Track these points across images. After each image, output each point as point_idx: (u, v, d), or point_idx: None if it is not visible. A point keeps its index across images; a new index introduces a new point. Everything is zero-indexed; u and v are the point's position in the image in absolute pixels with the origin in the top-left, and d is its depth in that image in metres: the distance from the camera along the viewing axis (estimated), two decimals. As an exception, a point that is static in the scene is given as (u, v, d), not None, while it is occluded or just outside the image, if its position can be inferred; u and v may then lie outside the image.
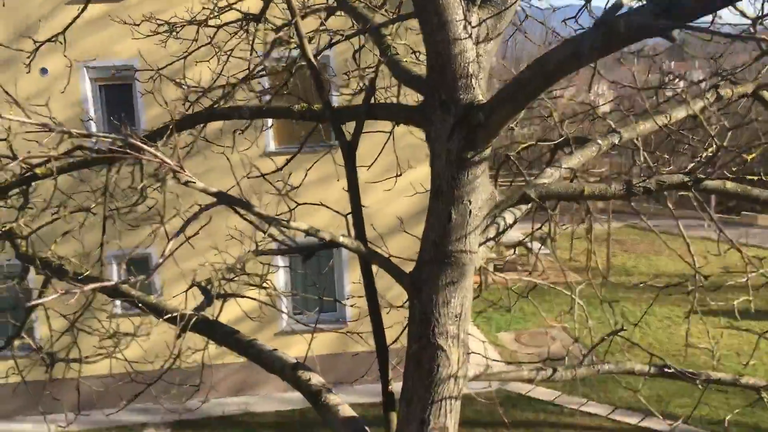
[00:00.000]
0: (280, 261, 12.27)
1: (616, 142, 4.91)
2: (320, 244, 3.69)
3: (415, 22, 3.67)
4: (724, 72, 5.63)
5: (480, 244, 4.27)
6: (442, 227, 3.59)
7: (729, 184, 3.67)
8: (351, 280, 14.20)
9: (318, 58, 4.31)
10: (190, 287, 5.90)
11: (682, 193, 3.79)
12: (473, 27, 3.54)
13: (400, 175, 5.48)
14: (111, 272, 14.40)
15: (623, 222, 29.88)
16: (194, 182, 3.01)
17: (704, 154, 3.86)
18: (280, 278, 13.52)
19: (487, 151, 3.60)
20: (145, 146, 3.33)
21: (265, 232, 3.29)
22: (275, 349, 4.51)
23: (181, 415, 13.61)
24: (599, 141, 4.82)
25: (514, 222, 4.36)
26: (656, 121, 5.06)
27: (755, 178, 3.69)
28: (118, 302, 7.02)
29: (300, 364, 4.35)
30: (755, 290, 4.02)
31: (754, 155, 4.35)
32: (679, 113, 5.28)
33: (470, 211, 3.57)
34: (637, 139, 5.12)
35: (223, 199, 3.20)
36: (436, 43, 3.50)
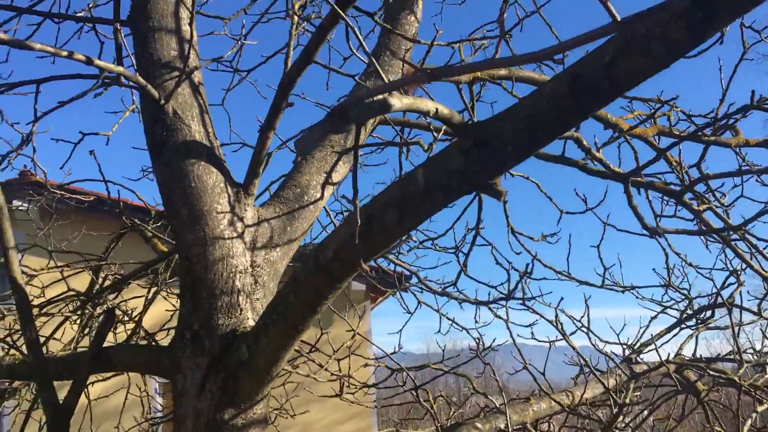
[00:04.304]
0: None
1: (502, 426, 3.55)
2: None
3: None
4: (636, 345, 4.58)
5: None
6: None
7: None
8: None
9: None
10: None
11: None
12: (247, 226, 2.44)
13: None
14: None
15: None
16: None
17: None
18: None
19: (260, 410, 2.21)
20: None
21: None
22: None
23: None
24: (478, 425, 3.47)
25: None
26: (555, 400, 3.80)
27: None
28: None
29: None
30: None
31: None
32: (587, 391, 4.06)
33: None
34: (533, 424, 3.79)
35: None
36: (188, 246, 2.35)
